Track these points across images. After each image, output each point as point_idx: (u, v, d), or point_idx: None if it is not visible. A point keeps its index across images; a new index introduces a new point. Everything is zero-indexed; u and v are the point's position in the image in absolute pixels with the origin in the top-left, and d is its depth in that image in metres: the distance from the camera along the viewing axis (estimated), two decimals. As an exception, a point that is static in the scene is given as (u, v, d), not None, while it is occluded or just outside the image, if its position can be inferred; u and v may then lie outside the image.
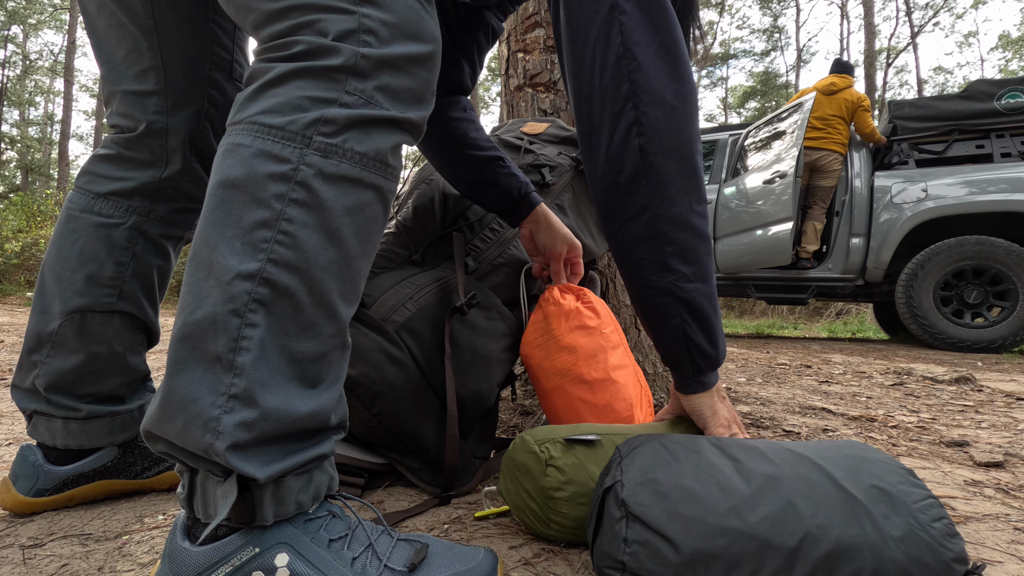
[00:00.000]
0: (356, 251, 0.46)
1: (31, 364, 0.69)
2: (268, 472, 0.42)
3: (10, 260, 7.82)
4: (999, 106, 3.42)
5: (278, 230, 0.42)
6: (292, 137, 0.43)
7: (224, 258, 0.42)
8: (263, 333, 0.42)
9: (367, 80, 0.46)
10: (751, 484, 0.47)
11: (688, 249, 0.60)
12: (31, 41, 21.78)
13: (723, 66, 24.71)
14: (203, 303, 0.42)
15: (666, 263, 0.60)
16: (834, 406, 1.51)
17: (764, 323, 7.40)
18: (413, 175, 0.96)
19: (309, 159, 0.43)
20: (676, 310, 0.61)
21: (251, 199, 0.42)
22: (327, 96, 0.44)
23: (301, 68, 0.44)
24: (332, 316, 0.45)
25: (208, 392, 0.41)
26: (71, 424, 0.70)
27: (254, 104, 0.45)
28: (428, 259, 0.86)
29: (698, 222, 0.60)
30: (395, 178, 0.50)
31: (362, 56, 0.45)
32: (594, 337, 0.83)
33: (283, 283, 0.42)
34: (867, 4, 12.81)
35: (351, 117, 0.45)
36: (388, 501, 0.75)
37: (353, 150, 0.45)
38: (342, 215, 0.45)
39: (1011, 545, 0.63)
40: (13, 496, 0.68)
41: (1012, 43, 20.48)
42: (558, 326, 0.83)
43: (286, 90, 0.44)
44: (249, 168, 0.43)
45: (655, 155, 0.58)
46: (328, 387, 0.47)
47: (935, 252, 3.36)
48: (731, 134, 4.24)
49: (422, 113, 0.50)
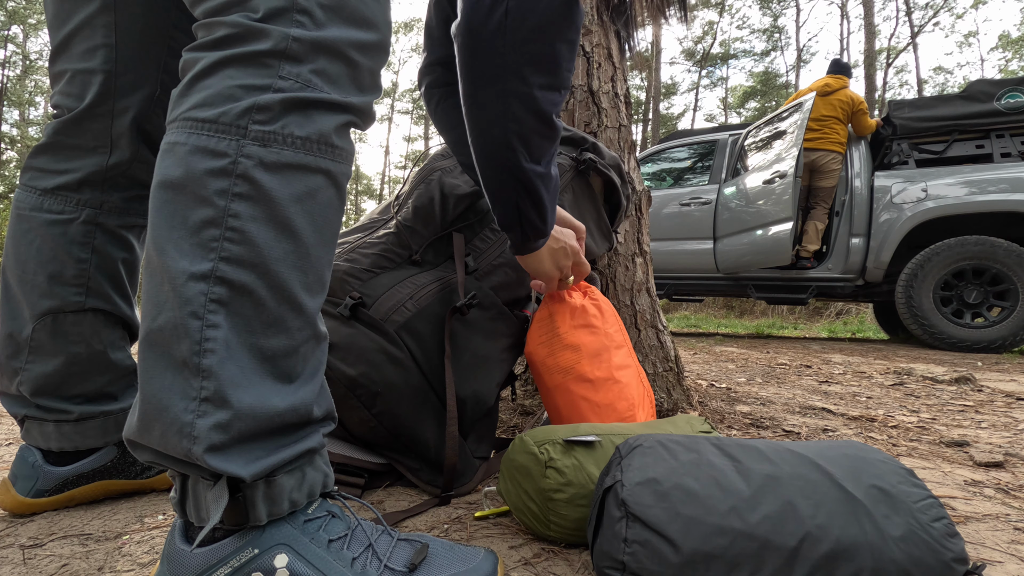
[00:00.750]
0: (313, 240, 0.44)
1: (12, 370, 0.68)
2: (253, 470, 0.41)
3: (10, 260, 7.81)
4: (999, 106, 3.42)
5: (226, 227, 0.41)
6: (226, 129, 0.41)
7: (174, 261, 0.40)
8: (227, 333, 0.41)
9: (302, 64, 0.43)
10: (751, 484, 0.47)
11: (530, 131, 0.61)
12: (31, 41, 21.79)
13: (723, 66, 24.70)
14: (162, 309, 0.41)
15: (508, 141, 0.60)
16: (834, 406, 1.51)
17: (764, 323, 7.40)
18: (413, 175, 0.96)
19: (247, 150, 0.41)
20: (512, 185, 0.64)
21: (194, 198, 0.41)
22: (259, 83, 0.42)
23: (229, 56, 0.42)
24: (297, 309, 0.44)
25: (179, 398, 0.40)
26: (64, 427, 0.69)
27: (186, 99, 0.43)
28: (428, 259, 0.86)
29: (544, 107, 0.60)
30: (345, 159, 0.47)
31: (294, 39, 0.43)
32: (598, 336, 0.83)
33: (240, 280, 0.41)
34: (867, 4, 12.80)
35: (287, 101, 0.42)
36: (388, 501, 0.75)
37: (293, 135, 0.43)
38: (291, 204, 0.43)
39: (1011, 545, 0.63)
40: (13, 497, 0.68)
41: (1012, 43, 20.47)
42: (562, 323, 0.83)
43: (216, 80, 0.42)
44: (187, 166, 0.41)
45: (517, 26, 0.56)
46: (306, 380, 0.46)
47: (935, 252, 3.36)
48: (731, 134, 4.24)
49: (366, 99, 0.48)
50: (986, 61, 22.78)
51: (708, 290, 4.27)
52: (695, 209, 4.07)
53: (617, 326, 0.87)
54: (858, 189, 3.64)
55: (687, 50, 24.12)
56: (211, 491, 0.42)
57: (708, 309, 10.27)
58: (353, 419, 0.76)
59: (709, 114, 26.11)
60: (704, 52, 23.32)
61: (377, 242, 0.83)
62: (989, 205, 3.28)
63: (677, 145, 4.46)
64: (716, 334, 4.94)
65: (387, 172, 30.97)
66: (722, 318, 9.06)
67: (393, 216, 0.88)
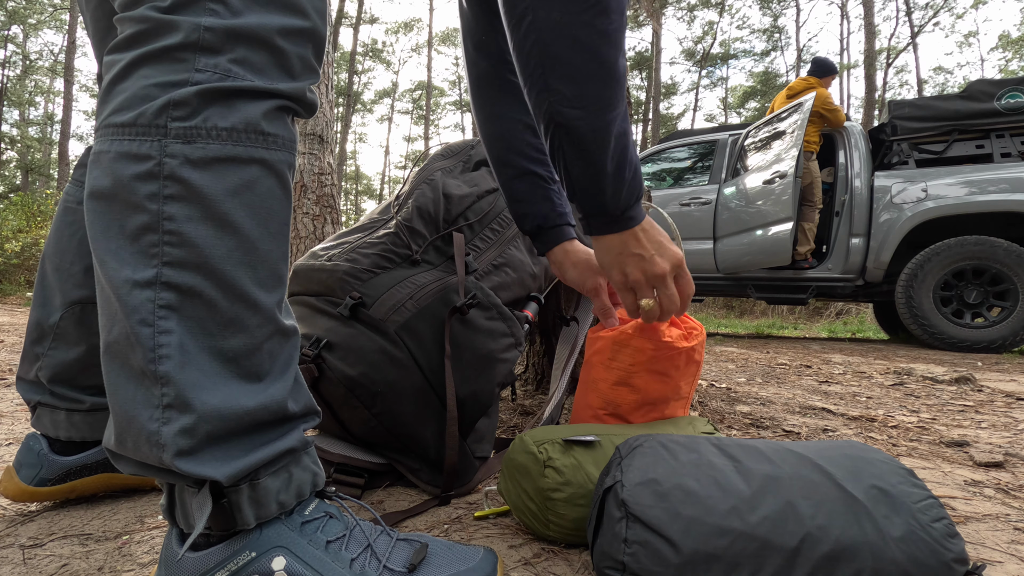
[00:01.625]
0: (257, 234, 0.43)
1: (34, 356, 0.69)
2: (229, 471, 0.41)
3: (10, 260, 7.82)
4: (999, 106, 3.42)
5: (163, 231, 0.40)
6: (145, 130, 0.40)
7: (116, 272, 0.40)
8: (181, 338, 0.40)
9: (219, 55, 0.41)
10: (751, 484, 0.47)
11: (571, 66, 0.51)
12: (31, 41, 21.79)
13: (723, 66, 24.71)
14: (115, 321, 0.40)
15: (547, 81, 0.52)
16: (834, 406, 1.51)
17: (764, 323, 7.40)
18: (413, 175, 0.96)
19: (171, 149, 0.40)
20: (557, 137, 0.54)
21: (125, 205, 0.40)
22: (175, 79, 0.40)
23: (141, 55, 0.40)
24: (252, 306, 0.43)
25: (143, 407, 0.40)
26: (75, 416, 0.70)
27: (106, 105, 0.41)
28: (428, 259, 0.85)
29: (594, 39, 0.51)
30: (282, 147, 0.44)
31: (206, 28, 0.40)
32: (668, 385, 0.74)
33: (186, 284, 0.40)
34: (867, 4, 12.80)
35: (204, 92, 0.40)
36: (388, 501, 0.74)
37: (217, 127, 0.41)
38: (226, 199, 0.41)
39: (1011, 545, 0.63)
40: (16, 485, 0.68)
41: (1012, 43, 20.47)
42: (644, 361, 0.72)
43: (131, 83, 0.40)
44: (114, 174, 0.40)
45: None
46: (277, 378, 0.45)
47: (935, 252, 3.36)
48: (731, 134, 4.24)
49: (297, 85, 0.45)
50: (986, 61, 22.82)
51: (708, 290, 4.27)
52: (695, 209, 4.07)
53: (691, 377, 0.76)
54: (858, 189, 3.64)
55: (687, 50, 24.13)
56: (195, 498, 0.41)
57: (708, 309, 10.27)
58: (353, 419, 0.76)
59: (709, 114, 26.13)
60: (704, 52, 23.32)
61: (377, 242, 0.83)
62: (989, 205, 3.28)
63: (677, 145, 4.46)
64: (716, 334, 4.94)
65: (387, 172, 30.99)
66: (722, 318, 9.06)
67: (393, 216, 0.88)
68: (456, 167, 0.99)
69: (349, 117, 23.30)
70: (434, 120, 29.94)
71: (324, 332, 0.75)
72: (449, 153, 1.02)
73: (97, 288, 0.42)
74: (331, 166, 2.60)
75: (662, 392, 0.74)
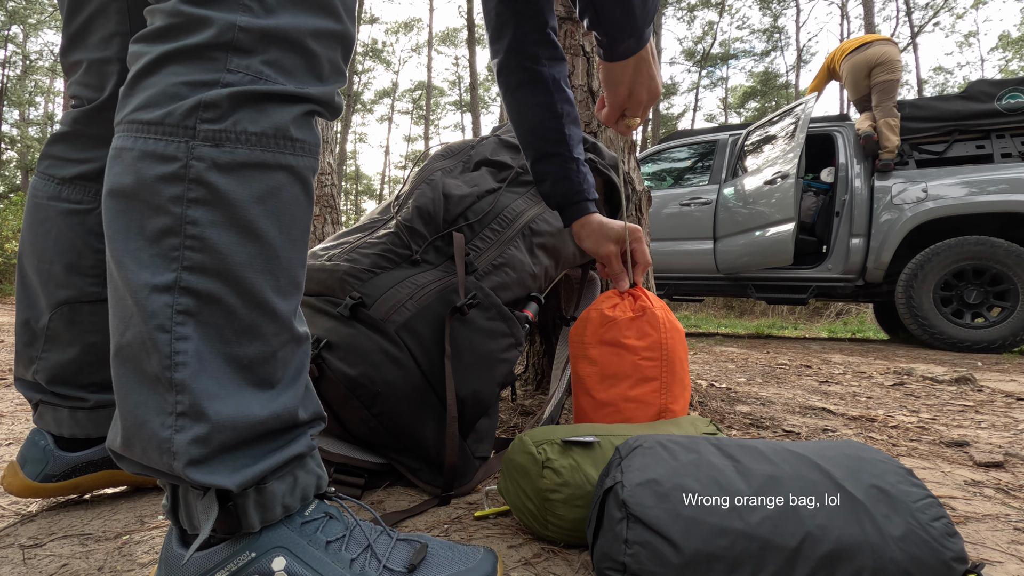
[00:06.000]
0: (280, 241, 0.42)
1: (28, 359, 0.68)
2: (239, 480, 0.40)
3: (10, 260, 7.82)
4: (999, 106, 3.42)
5: (185, 235, 0.39)
6: (173, 131, 0.39)
7: (134, 274, 0.39)
8: (198, 344, 0.39)
9: (251, 56, 0.40)
10: (751, 484, 0.47)
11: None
12: (31, 41, 21.78)
13: (723, 66, 24.70)
14: (129, 324, 0.39)
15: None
16: (834, 406, 1.51)
17: (764, 323, 7.40)
18: (413, 175, 0.96)
19: (198, 152, 0.39)
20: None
21: (147, 207, 0.39)
22: (205, 79, 0.39)
23: (172, 51, 0.39)
24: (271, 314, 0.42)
25: (155, 414, 0.39)
26: (78, 414, 0.69)
27: (131, 99, 0.40)
28: (428, 259, 0.85)
29: None
30: (308, 152, 0.44)
31: (240, 28, 0.39)
32: (623, 360, 0.77)
33: (206, 289, 0.39)
34: (867, 4, 12.80)
35: (236, 95, 0.39)
36: (388, 501, 0.74)
37: (247, 132, 0.40)
38: (252, 205, 0.40)
39: (1011, 545, 0.63)
40: (21, 480, 0.67)
41: (1012, 43, 20.47)
42: (592, 330, 0.80)
43: (160, 78, 0.39)
44: (137, 173, 0.39)
45: None
46: (288, 385, 0.44)
47: (935, 252, 3.35)
48: (731, 134, 4.23)
49: (327, 88, 0.45)
50: (986, 61, 22.79)
51: (708, 290, 4.27)
52: (695, 209, 4.07)
53: (659, 359, 0.78)
54: (858, 189, 3.64)
55: (687, 50, 24.12)
56: (201, 501, 0.41)
57: (708, 309, 10.27)
58: (353, 419, 0.76)
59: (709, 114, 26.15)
60: (704, 52, 23.31)
61: (377, 242, 0.83)
62: (989, 206, 3.28)
63: (677, 145, 4.46)
64: (716, 334, 4.94)
65: (387, 172, 30.97)
66: (722, 318, 9.06)
67: (393, 216, 0.88)
68: (456, 167, 0.99)
69: (349, 117, 23.29)
70: (434, 120, 29.95)
71: (324, 332, 0.75)
72: (449, 153, 1.02)
73: (110, 287, 0.41)
74: (331, 166, 2.60)
75: (619, 366, 0.78)
